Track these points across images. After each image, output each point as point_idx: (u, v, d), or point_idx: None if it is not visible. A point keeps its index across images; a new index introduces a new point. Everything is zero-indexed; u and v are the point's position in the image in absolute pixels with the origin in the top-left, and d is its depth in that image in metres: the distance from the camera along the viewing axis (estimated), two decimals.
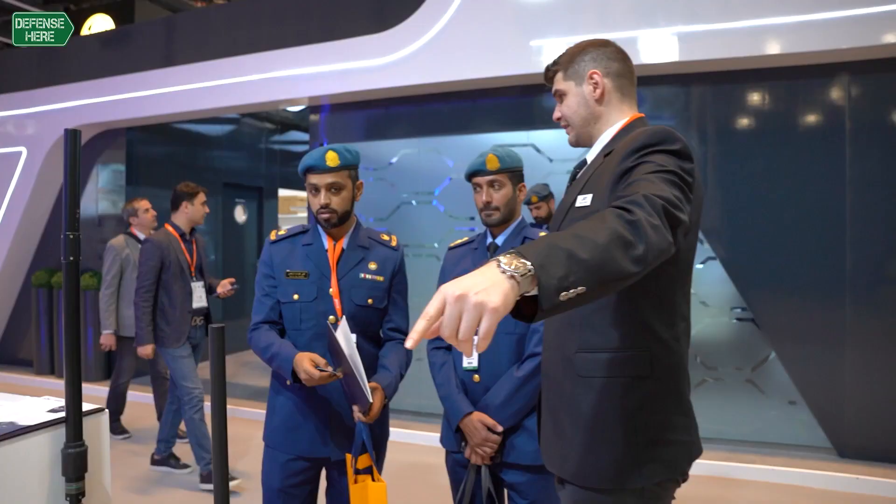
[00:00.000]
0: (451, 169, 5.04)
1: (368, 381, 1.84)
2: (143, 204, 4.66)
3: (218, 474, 1.39)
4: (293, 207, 11.15)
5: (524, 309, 0.94)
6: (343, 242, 2.04)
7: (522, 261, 0.89)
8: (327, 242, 2.04)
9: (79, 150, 1.49)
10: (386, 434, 2.10)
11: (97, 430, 1.60)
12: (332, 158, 1.94)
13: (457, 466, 2.08)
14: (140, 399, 5.38)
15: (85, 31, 10.33)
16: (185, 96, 5.68)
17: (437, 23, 4.59)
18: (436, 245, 5.04)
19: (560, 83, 1.53)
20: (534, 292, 0.90)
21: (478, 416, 1.94)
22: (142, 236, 4.55)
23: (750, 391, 4.33)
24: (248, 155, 8.09)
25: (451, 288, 0.85)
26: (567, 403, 1.42)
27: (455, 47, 4.55)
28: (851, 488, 3.75)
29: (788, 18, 3.83)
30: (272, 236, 2.10)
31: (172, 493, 3.73)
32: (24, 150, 6.55)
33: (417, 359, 4.67)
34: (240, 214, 7.93)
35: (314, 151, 1.97)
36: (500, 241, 2.07)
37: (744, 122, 4.29)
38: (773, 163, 4.17)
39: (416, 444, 4.44)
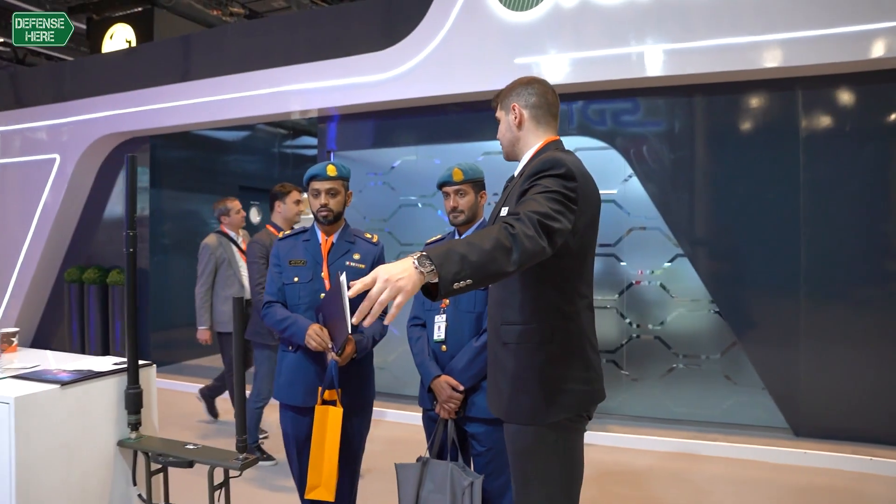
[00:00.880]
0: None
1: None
2: (235, 204, 4.79)
3: (240, 421, 1.88)
4: (305, 209, 11.65)
5: (432, 291, 1.41)
6: (333, 238, 2.58)
7: (429, 261, 1.38)
8: (321, 237, 2.57)
9: (136, 170, 1.99)
10: (370, 391, 2.59)
11: (148, 379, 2.11)
12: (331, 170, 2.50)
13: (429, 421, 2.56)
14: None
15: (106, 40, 10.91)
16: (204, 108, 6.19)
17: (431, 42, 5.07)
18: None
19: (497, 112, 2.01)
20: (436, 281, 1.38)
21: (444, 378, 2.41)
22: (233, 234, 4.73)
23: (717, 377, 4.77)
24: (263, 159, 8.60)
25: (382, 272, 1.35)
26: (498, 363, 1.90)
27: (448, 64, 5.03)
28: (801, 461, 4.17)
29: (745, 39, 4.25)
30: (279, 235, 2.65)
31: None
32: (57, 156, 7.11)
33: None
34: (255, 215, 8.45)
35: (317, 165, 2.51)
36: (465, 237, 2.54)
37: (704, 130, 4.72)
38: (733, 168, 4.61)
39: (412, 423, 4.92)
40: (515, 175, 1.97)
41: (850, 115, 4.38)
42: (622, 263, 4.96)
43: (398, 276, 1.34)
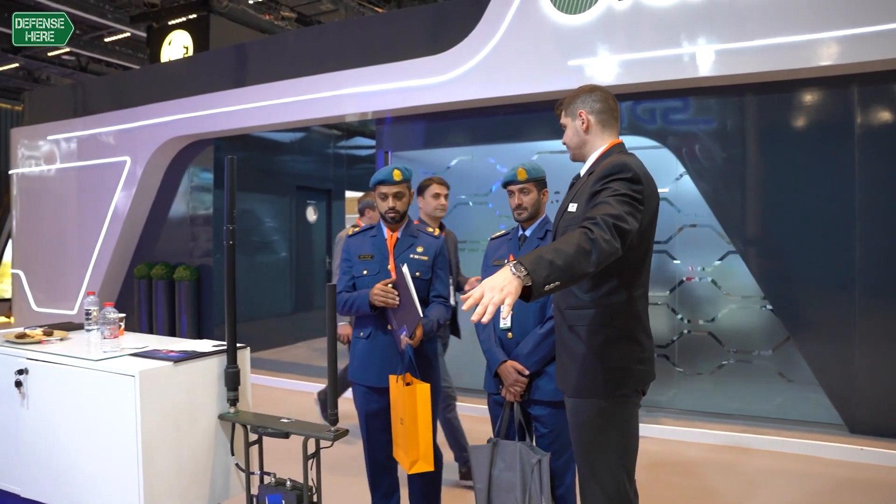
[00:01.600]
0: (501, 173, 5.69)
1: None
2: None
3: (332, 396, 2.08)
4: None
5: (525, 293, 1.62)
6: (398, 233, 2.79)
7: (522, 267, 1.58)
8: (387, 234, 2.79)
9: (234, 170, 2.21)
10: (436, 371, 2.79)
11: (244, 360, 2.33)
12: (397, 174, 2.70)
13: (495, 405, 2.73)
14: None
15: (165, 47, 11.41)
16: (264, 111, 6.50)
17: (486, 45, 5.24)
18: (481, 241, 5.68)
19: (563, 119, 2.17)
20: (529, 284, 1.59)
21: (511, 363, 2.58)
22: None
23: (769, 373, 4.81)
24: (318, 159, 8.90)
25: (488, 284, 1.57)
26: (564, 344, 2.08)
27: (503, 67, 5.19)
28: (856, 458, 4.20)
29: (799, 37, 4.29)
30: (350, 232, 2.88)
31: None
32: (128, 159, 7.54)
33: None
34: (311, 214, 8.76)
35: (384, 169, 2.71)
36: (528, 233, 2.71)
37: (757, 128, 4.76)
38: (786, 166, 4.64)
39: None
40: (582, 174, 2.13)
41: None
42: (675, 261, 5.04)
43: (501, 284, 1.56)
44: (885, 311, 4.38)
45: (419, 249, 2.76)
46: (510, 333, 2.64)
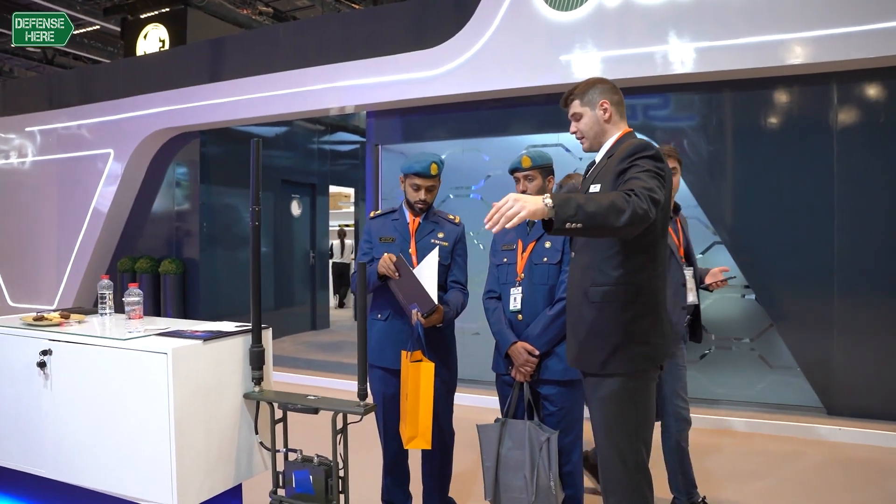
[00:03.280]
0: (489, 165, 5.79)
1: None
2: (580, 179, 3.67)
3: (361, 370, 2.15)
4: (340, 203, 11.97)
5: (547, 225, 1.74)
6: (420, 218, 2.85)
7: (554, 202, 1.69)
8: (409, 217, 2.85)
9: (260, 153, 2.26)
10: (453, 356, 2.87)
11: (267, 340, 2.38)
12: (434, 168, 2.76)
13: (504, 386, 2.83)
14: None
15: (140, 40, 11.30)
16: (252, 103, 6.50)
17: (480, 39, 5.33)
18: (472, 232, 5.76)
19: (577, 108, 2.22)
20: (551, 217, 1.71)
21: (521, 344, 2.67)
22: None
23: (752, 359, 4.99)
24: (302, 154, 8.89)
25: (513, 194, 1.70)
26: (583, 321, 2.14)
27: (495, 61, 5.29)
28: (835, 437, 4.40)
29: (784, 36, 4.47)
30: (371, 215, 2.94)
31: None
32: (111, 151, 7.46)
33: (475, 333, 5.44)
34: (295, 209, 8.76)
35: (421, 160, 2.75)
36: None
37: (742, 124, 4.93)
38: (769, 160, 4.81)
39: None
40: (598, 159, 2.22)
41: (883, 109, 4.57)
42: None
43: (525, 199, 1.68)
44: (861, 300, 4.58)
45: (440, 235, 2.83)
46: (520, 315, 2.73)
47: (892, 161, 4.51)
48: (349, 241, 11.68)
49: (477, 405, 5.06)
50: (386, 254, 2.62)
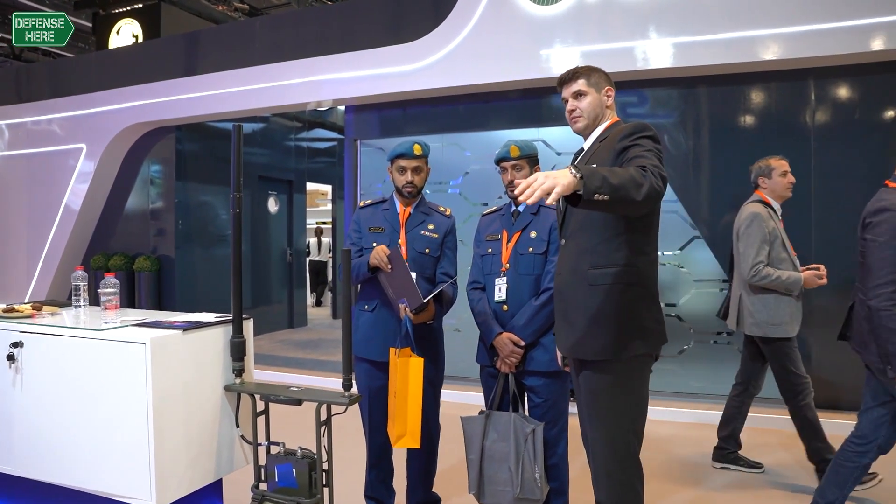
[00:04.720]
0: (469, 160, 5.76)
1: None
2: (782, 164, 3.75)
3: (346, 361, 2.10)
4: (318, 200, 11.87)
5: (573, 200, 1.68)
6: (410, 209, 2.81)
7: (581, 173, 1.63)
8: (399, 208, 2.80)
9: (241, 138, 2.20)
10: (440, 349, 2.84)
11: (248, 330, 2.32)
12: (417, 149, 2.73)
13: (488, 378, 2.79)
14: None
15: (113, 36, 11.08)
16: (231, 97, 6.40)
17: (460, 34, 5.30)
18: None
19: (583, 86, 2.18)
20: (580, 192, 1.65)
21: (506, 335, 2.64)
22: (775, 205, 3.81)
23: (731, 353, 5.02)
24: (279, 150, 8.80)
25: (542, 173, 1.63)
26: (580, 306, 2.08)
27: (475, 55, 5.26)
28: None
29: (763, 32, 4.51)
30: (361, 204, 2.88)
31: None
32: (84, 146, 7.30)
33: (456, 329, 5.40)
34: (272, 205, 8.65)
35: (404, 142, 2.72)
36: (521, 208, 2.77)
37: (722, 119, 4.97)
38: (748, 154, 4.84)
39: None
40: (588, 145, 2.20)
41: (859, 105, 4.64)
42: None
43: (556, 174, 1.62)
44: (837, 294, 4.63)
45: (430, 227, 2.79)
46: (505, 306, 2.69)
47: (868, 156, 4.58)
48: (326, 239, 11.59)
49: (459, 401, 5.03)
50: (381, 245, 2.58)
